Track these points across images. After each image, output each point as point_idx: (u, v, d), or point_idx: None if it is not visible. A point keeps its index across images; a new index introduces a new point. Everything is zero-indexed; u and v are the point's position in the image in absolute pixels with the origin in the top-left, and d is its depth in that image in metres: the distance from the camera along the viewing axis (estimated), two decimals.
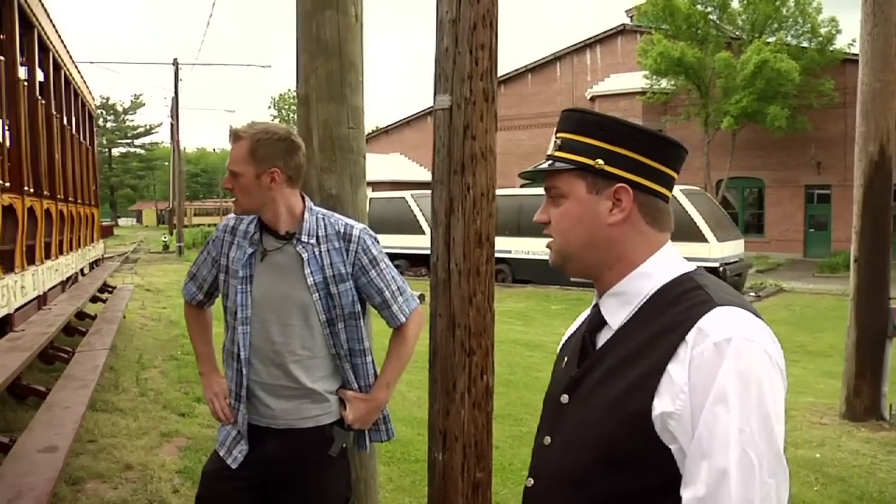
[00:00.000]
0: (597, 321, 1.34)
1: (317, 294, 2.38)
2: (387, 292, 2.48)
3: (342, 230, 2.45)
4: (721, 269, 16.29)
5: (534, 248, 18.94)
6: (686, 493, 1.10)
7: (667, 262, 1.30)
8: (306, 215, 2.44)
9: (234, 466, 2.45)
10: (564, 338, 1.52)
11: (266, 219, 2.43)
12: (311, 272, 2.39)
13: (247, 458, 2.46)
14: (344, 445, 2.50)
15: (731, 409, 1.08)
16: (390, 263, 2.55)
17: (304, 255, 2.39)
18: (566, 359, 1.42)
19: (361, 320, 2.49)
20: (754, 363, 1.11)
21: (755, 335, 1.14)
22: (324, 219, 2.47)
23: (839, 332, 8.68)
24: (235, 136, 2.37)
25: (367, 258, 2.45)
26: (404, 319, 2.53)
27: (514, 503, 4.48)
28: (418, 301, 2.59)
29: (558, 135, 1.36)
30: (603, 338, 1.32)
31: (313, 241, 2.41)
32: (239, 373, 2.46)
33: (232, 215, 2.59)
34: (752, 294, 18.49)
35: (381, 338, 2.76)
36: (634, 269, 1.30)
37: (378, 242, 2.54)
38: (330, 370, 2.47)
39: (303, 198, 2.49)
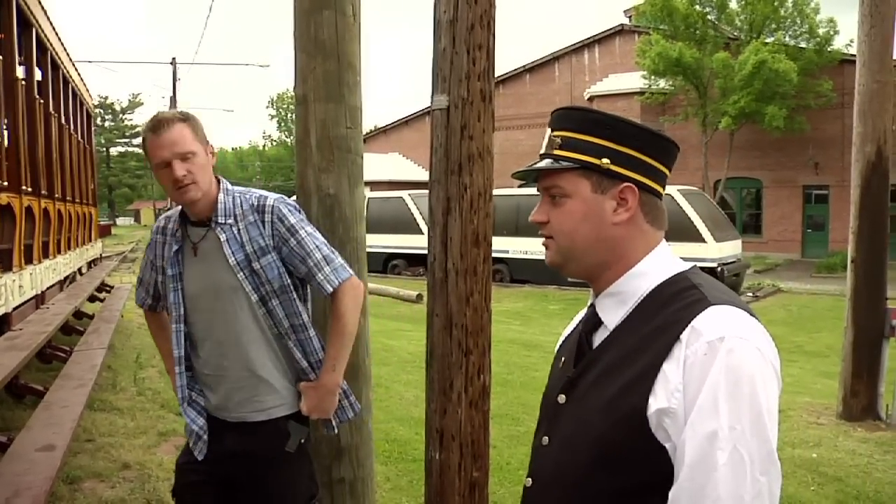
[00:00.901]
0: (593, 321, 1.35)
1: (241, 273, 2.35)
2: (310, 260, 2.40)
3: (256, 203, 2.42)
4: (719, 269, 16.30)
5: (531, 248, 18.96)
6: (675, 488, 1.11)
7: (662, 262, 1.30)
8: (221, 196, 2.40)
9: (199, 458, 2.46)
10: (561, 338, 1.53)
11: (202, 204, 2.39)
12: (232, 252, 2.36)
13: (210, 451, 2.47)
14: (302, 441, 2.46)
15: (723, 406, 1.09)
16: (314, 232, 2.48)
17: (223, 237, 2.36)
18: (563, 359, 1.43)
19: (294, 293, 2.44)
20: (746, 361, 1.11)
21: (748, 334, 1.15)
22: (239, 196, 2.44)
23: (836, 332, 8.70)
24: (169, 121, 2.30)
25: (283, 226, 2.40)
26: (331, 288, 2.43)
27: (511, 502, 4.49)
28: (350, 272, 2.50)
29: (557, 133, 1.35)
30: (599, 338, 1.33)
31: (231, 220, 2.38)
32: (180, 374, 2.47)
33: (163, 217, 2.58)
34: (750, 294, 18.52)
35: (379, 337, 2.75)
36: (631, 268, 1.30)
37: (299, 211, 2.50)
38: (277, 354, 2.44)
39: (218, 180, 2.46)
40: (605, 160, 1.29)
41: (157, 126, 2.31)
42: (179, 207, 2.50)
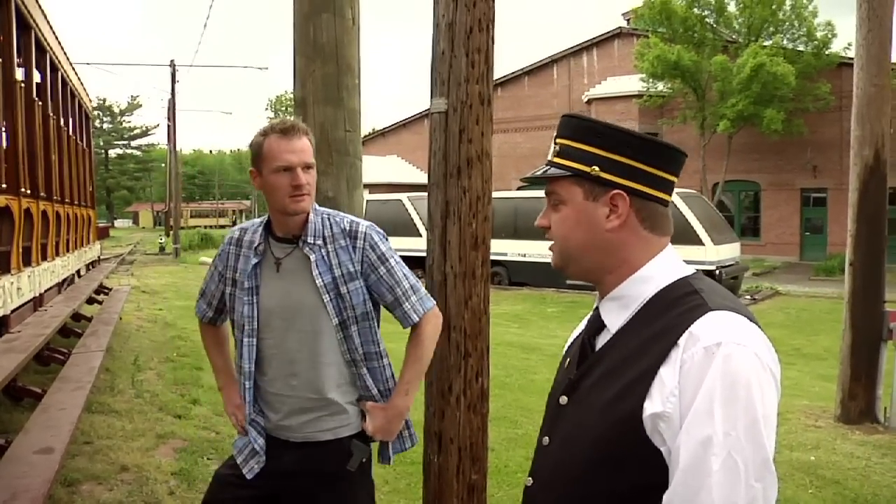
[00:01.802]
0: (596, 324, 1.36)
1: (327, 295, 2.33)
2: (398, 289, 2.40)
3: (348, 227, 2.40)
4: (717, 272, 16.29)
5: (530, 250, 18.95)
6: (668, 493, 1.11)
7: (666, 266, 1.31)
8: (311, 216, 2.38)
9: (248, 477, 2.41)
10: (569, 340, 1.54)
11: (298, 222, 2.38)
12: (320, 273, 2.33)
13: (263, 468, 2.42)
14: (364, 460, 2.42)
15: (717, 411, 1.09)
16: (401, 261, 2.47)
17: (312, 257, 2.34)
18: (568, 361, 1.44)
19: (375, 321, 2.44)
20: (743, 367, 1.12)
21: (746, 340, 1.15)
22: (329, 218, 2.42)
23: (834, 335, 8.71)
24: (300, 130, 2.33)
25: (375, 254, 2.39)
26: (417, 318, 2.43)
27: None
28: (433, 302, 2.51)
29: (557, 140, 1.37)
30: (602, 340, 1.34)
31: (320, 241, 2.36)
32: (244, 387, 2.43)
33: (237, 228, 2.55)
34: (748, 297, 18.52)
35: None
36: (634, 273, 1.31)
37: (387, 240, 2.48)
38: (347, 379, 2.40)
39: None
40: (595, 168, 1.30)
41: (289, 130, 2.31)
42: (259, 220, 2.47)
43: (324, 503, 2.40)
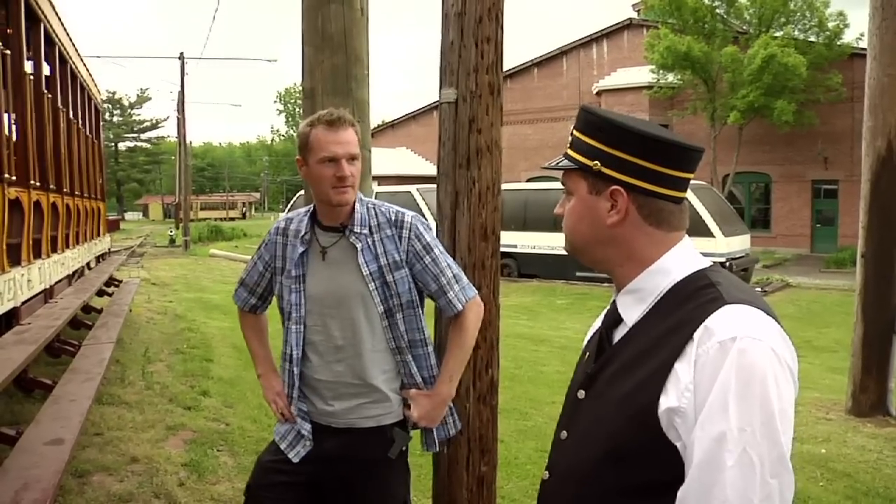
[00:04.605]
0: (613, 318, 1.35)
1: (373, 283, 2.37)
2: (443, 278, 2.44)
3: (394, 217, 2.45)
4: (727, 264, 16.23)
5: (539, 242, 18.93)
6: (683, 488, 1.11)
7: (683, 259, 1.30)
8: (357, 206, 2.42)
9: (295, 461, 2.45)
10: (588, 333, 1.53)
11: (344, 211, 2.41)
12: (366, 262, 2.37)
13: (307, 454, 2.46)
14: (404, 448, 2.46)
15: (732, 407, 1.08)
16: (445, 251, 2.52)
17: (359, 245, 2.38)
18: (587, 354, 1.44)
19: (420, 309, 2.48)
20: (759, 361, 1.10)
21: (762, 334, 1.13)
22: (374, 208, 2.46)
23: (845, 327, 8.66)
24: (346, 121, 2.36)
25: (420, 244, 2.43)
26: (461, 307, 2.48)
27: (519, 497, 4.48)
28: (475, 291, 2.55)
29: (573, 132, 1.38)
30: (619, 334, 1.33)
31: (366, 231, 2.40)
32: (291, 373, 2.46)
33: (282, 218, 2.58)
34: (759, 289, 18.45)
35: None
36: (647, 266, 1.30)
37: (431, 230, 2.52)
38: (391, 366, 2.44)
39: None
40: (597, 163, 1.30)
41: (335, 122, 2.34)
42: (304, 209, 2.51)
43: (362, 489, 2.44)
